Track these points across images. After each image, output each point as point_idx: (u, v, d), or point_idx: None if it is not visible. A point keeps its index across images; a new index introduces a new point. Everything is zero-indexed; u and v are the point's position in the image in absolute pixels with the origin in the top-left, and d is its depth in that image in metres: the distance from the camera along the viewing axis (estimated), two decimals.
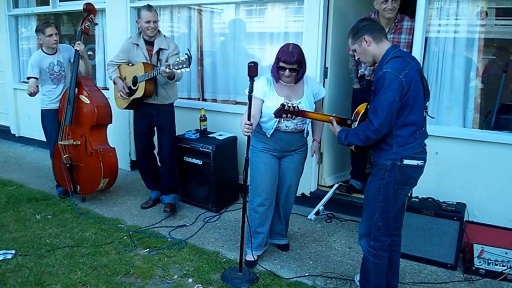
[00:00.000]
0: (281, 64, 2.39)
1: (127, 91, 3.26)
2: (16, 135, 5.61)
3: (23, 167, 4.65)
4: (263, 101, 2.47)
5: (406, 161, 1.96)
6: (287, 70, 2.39)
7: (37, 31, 3.50)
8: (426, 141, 2.07)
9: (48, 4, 4.89)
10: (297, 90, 2.53)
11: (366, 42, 1.99)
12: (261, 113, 2.48)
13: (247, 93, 2.35)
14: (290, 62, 2.36)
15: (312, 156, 2.70)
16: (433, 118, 2.39)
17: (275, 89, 2.50)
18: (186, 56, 2.84)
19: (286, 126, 2.49)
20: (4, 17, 5.29)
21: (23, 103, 5.30)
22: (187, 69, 2.89)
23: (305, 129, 2.57)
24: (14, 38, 5.37)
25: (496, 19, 2.88)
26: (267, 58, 3.72)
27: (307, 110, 2.42)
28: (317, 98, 2.59)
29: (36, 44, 5.16)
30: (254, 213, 2.62)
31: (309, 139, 2.71)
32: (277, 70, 2.45)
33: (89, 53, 4.92)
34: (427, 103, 2.09)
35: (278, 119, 2.42)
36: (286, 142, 2.54)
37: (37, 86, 3.40)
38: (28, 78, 3.47)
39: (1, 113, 5.86)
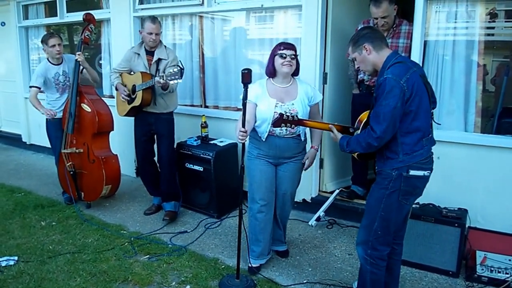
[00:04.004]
0: (282, 51, 2.44)
1: (128, 92, 3.30)
2: (27, 143, 5.77)
3: (33, 174, 4.76)
4: (256, 105, 2.49)
5: (412, 172, 1.91)
6: (288, 56, 2.44)
7: (42, 42, 3.60)
8: None
9: (56, 16, 5.04)
10: (291, 91, 2.53)
11: (367, 50, 1.98)
12: (255, 117, 2.49)
13: (242, 99, 2.38)
14: (290, 48, 2.46)
15: (303, 161, 2.65)
16: (440, 124, 2.32)
17: (267, 91, 2.51)
18: (178, 68, 2.88)
19: (281, 129, 2.48)
20: (14, 28, 5.48)
21: (34, 112, 5.39)
22: (179, 81, 2.92)
23: (300, 133, 2.55)
24: (25, 49, 5.55)
25: (496, 22, 2.82)
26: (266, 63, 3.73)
27: (306, 119, 2.41)
28: (312, 102, 2.58)
29: (46, 54, 5.32)
30: (254, 220, 2.62)
31: (308, 146, 2.69)
32: (273, 65, 2.49)
33: (101, 61, 5.04)
34: (433, 109, 2.05)
35: (271, 122, 2.43)
36: (281, 148, 2.52)
37: (51, 110, 3.50)
38: (30, 87, 3.57)
39: (13, 122, 6.03)
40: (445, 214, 2.59)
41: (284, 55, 2.44)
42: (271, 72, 2.53)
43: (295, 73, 2.57)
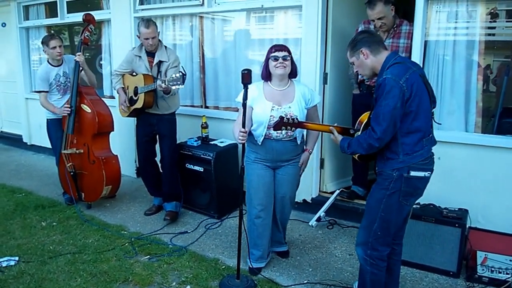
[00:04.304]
0: (274, 54, 2.42)
1: (128, 105, 3.34)
2: (28, 144, 5.78)
3: (34, 174, 4.77)
4: (252, 108, 2.46)
5: (413, 173, 1.91)
6: (280, 58, 2.40)
7: (42, 43, 3.61)
8: None
9: (57, 16, 5.05)
10: (288, 94, 2.50)
11: (364, 54, 1.97)
12: (251, 120, 2.47)
13: (240, 101, 2.38)
14: (281, 49, 2.43)
15: (300, 166, 2.63)
16: (440, 124, 2.30)
17: (264, 94, 2.48)
18: (180, 74, 2.89)
19: (278, 133, 2.46)
20: (15, 29, 5.50)
21: (35, 113, 5.45)
22: (181, 86, 2.92)
23: (297, 136, 2.52)
24: (25, 50, 5.56)
25: (497, 21, 2.82)
26: None
27: (306, 121, 2.39)
28: (310, 104, 2.55)
29: (46, 56, 5.33)
30: (252, 225, 2.61)
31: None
32: (267, 68, 2.47)
33: (101, 62, 5.04)
34: (433, 109, 2.04)
35: (267, 126, 2.42)
36: (278, 152, 2.50)
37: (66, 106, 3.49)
38: (38, 91, 3.60)
39: (14, 122, 6.05)
40: (446, 215, 2.58)
41: (277, 57, 2.40)
42: (267, 76, 2.50)
43: (293, 75, 2.53)
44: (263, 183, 2.54)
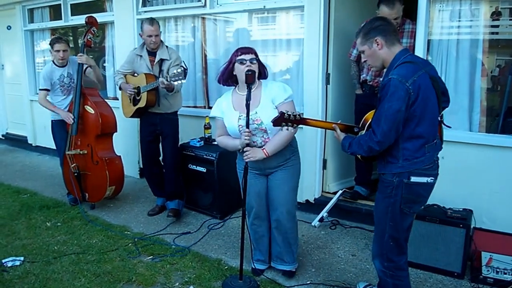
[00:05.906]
0: (240, 57, 2.27)
1: (134, 88, 3.31)
2: (33, 145, 5.84)
3: (38, 175, 4.81)
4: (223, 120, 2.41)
5: (413, 179, 1.83)
6: (248, 61, 2.26)
7: (49, 44, 3.65)
8: None
9: (61, 19, 5.09)
10: (254, 98, 2.28)
11: (378, 44, 1.83)
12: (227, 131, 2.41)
13: (213, 115, 2.44)
14: (248, 52, 2.29)
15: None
16: (450, 127, 2.15)
17: (232, 104, 2.36)
18: (182, 68, 2.90)
19: (254, 142, 2.36)
20: (20, 32, 5.55)
21: (39, 114, 5.49)
22: (183, 81, 2.93)
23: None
24: (30, 52, 5.62)
25: (500, 20, 2.80)
26: (269, 65, 3.73)
27: (309, 118, 2.26)
28: (276, 102, 2.30)
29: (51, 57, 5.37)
30: (250, 231, 2.61)
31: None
32: (229, 72, 2.33)
33: (105, 64, 5.07)
34: (443, 110, 1.96)
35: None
36: (262, 161, 2.34)
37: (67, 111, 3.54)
38: (40, 89, 3.63)
39: (19, 124, 6.10)
40: (450, 215, 2.57)
41: (244, 61, 2.26)
42: (225, 80, 2.37)
43: (262, 76, 2.39)
44: (253, 191, 2.48)
